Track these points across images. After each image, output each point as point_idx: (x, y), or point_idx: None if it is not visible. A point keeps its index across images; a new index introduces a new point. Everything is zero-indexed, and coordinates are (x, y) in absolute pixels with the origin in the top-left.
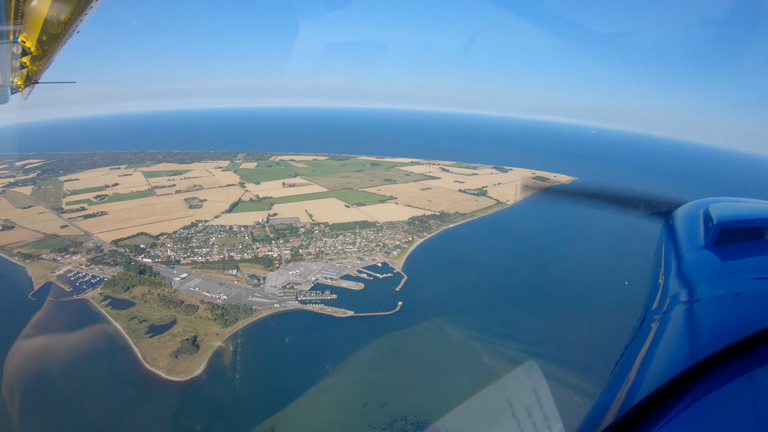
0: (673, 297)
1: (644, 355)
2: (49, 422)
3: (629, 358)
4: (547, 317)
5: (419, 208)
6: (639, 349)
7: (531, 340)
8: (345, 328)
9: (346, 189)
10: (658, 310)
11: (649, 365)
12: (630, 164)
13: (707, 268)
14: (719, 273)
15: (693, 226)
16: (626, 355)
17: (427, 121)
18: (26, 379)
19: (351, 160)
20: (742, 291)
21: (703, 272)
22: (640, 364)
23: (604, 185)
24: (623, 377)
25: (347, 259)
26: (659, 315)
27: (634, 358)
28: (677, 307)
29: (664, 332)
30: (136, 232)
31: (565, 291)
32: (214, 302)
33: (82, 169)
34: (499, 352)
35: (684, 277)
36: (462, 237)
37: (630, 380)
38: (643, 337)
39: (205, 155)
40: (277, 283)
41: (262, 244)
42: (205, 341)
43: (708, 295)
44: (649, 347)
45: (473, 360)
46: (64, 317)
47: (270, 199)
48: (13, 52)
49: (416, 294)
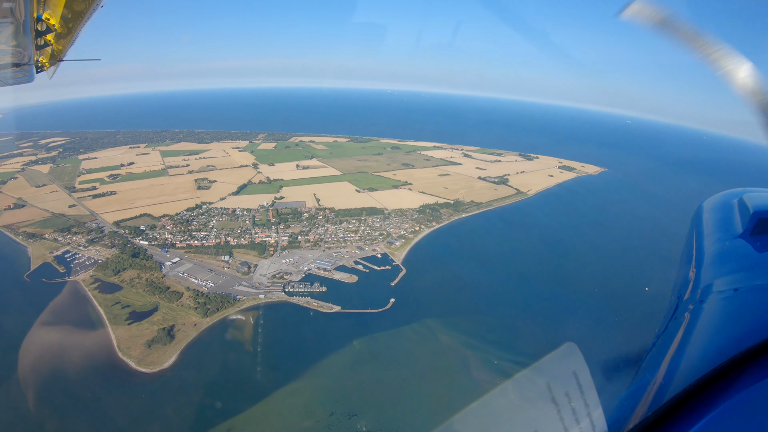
0: (707, 286)
1: (679, 345)
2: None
3: (662, 347)
4: (553, 326)
5: (433, 196)
6: (672, 338)
7: (530, 352)
8: (328, 325)
9: (361, 173)
10: (691, 299)
11: (686, 355)
12: (663, 156)
13: (744, 258)
14: (757, 263)
15: (727, 216)
16: (659, 345)
17: (459, 105)
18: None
19: (372, 142)
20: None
21: (739, 262)
22: (676, 354)
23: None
24: (657, 367)
25: (346, 248)
26: (693, 305)
27: (667, 347)
28: (713, 297)
29: (699, 322)
30: (139, 213)
31: (577, 296)
32: (199, 289)
33: (103, 147)
34: (491, 363)
35: (719, 267)
36: (473, 229)
37: (665, 370)
38: (677, 327)
39: (225, 135)
40: (268, 272)
41: (261, 229)
42: (182, 331)
43: (746, 285)
44: (684, 337)
45: (460, 372)
46: (51, 300)
47: (280, 182)
48: (38, 30)
49: (412, 290)
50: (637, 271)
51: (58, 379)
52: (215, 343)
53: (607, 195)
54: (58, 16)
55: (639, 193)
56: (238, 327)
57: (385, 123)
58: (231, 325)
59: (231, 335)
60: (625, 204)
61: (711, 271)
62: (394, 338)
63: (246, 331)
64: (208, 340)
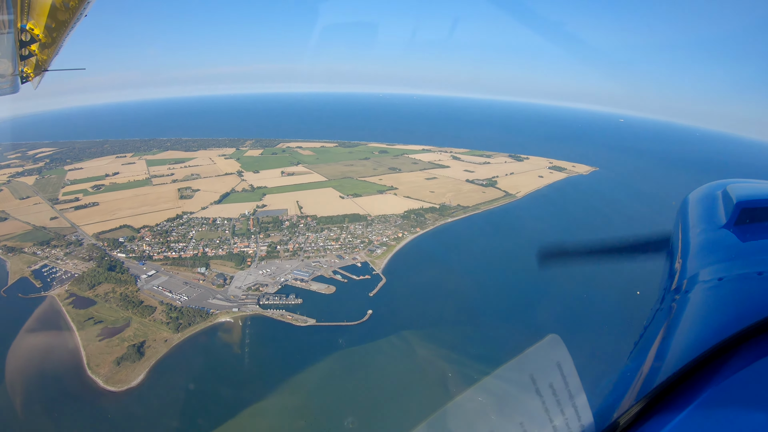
0: (692, 277)
1: (665, 334)
2: None
3: (650, 337)
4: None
5: (418, 200)
6: (659, 328)
7: None
8: (301, 340)
9: (347, 178)
10: (677, 290)
11: (672, 343)
12: (655, 153)
13: (728, 248)
14: (740, 252)
15: (711, 207)
16: (646, 335)
17: (450, 107)
18: None
19: (360, 147)
20: (765, 270)
21: (723, 252)
22: (662, 343)
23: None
24: (644, 356)
25: (326, 257)
26: (678, 295)
27: (654, 337)
28: (698, 287)
29: (685, 311)
30: (119, 225)
31: (565, 304)
32: (173, 303)
33: (90, 157)
34: (472, 378)
35: (703, 257)
36: (458, 234)
37: (651, 359)
38: (663, 317)
39: (213, 142)
40: (243, 284)
41: (241, 238)
42: (152, 348)
43: (730, 274)
44: (670, 326)
45: (437, 389)
46: (25, 316)
47: (263, 189)
48: (22, 40)
49: (391, 301)
50: (627, 274)
51: (24, 399)
52: (184, 360)
53: (597, 195)
54: (42, 26)
55: (630, 191)
56: (208, 343)
57: (374, 127)
58: (201, 341)
59: (200, 351)
60: (615, 204)
61: (696, 262)
62: (369, 353)
63: (216, 346)
64: (178, 357)
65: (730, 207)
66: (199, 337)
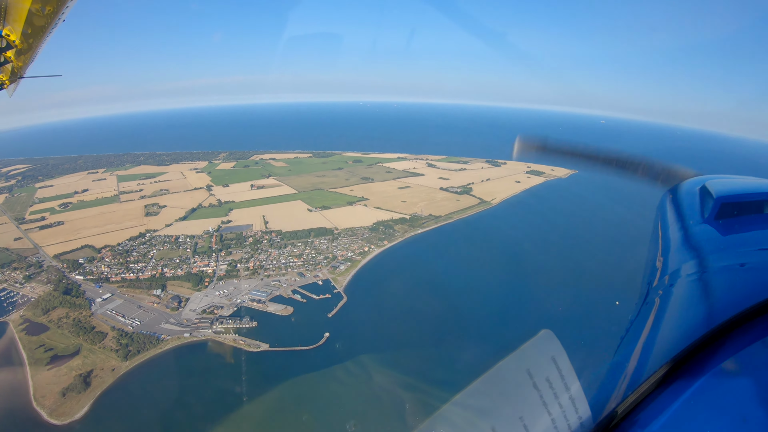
0: (675, 271)
1: (651, 328)
2: None
3: (635, 332)
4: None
5: (389, 211)
6: (644, 323)
7: None
8: (253, 367)
9: (317, 190)
10: (660, 285)
11: (657, 337)
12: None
13: (709, 242)
14: (722, 246)
15: (691, 203)
16: (632, 330)
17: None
18: None
19: (335, 156)
20: (747, 262)
21: (705, 246)
22: (648, 337)
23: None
24: (630, 351)
25: (287, 275)
26: (662, 290)
27: (640, 330)
28: (681, 280)
29: (670, 304)
30: (81, 245)
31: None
32: (124, 329)
33: (62, 173)
34: (432, 407)
35: (686, 252)
36: (427, 246)
37: (638, 353)
38: (648, 312)
39: (186, 156)
40: (198, 307)
41: (202, 257)
42: (99, 377)
43: (713, 267)
44: (655, 320)
45: (392, 421)
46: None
47: (231, 204)
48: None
49: (351, 322)
50: (606, 282)
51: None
52: (130, 391)
53: (576, 199)
54: (18, 32)
55: (610, 194)
56: (155, 372)
57: (350, 135)
58: (148, 370)
59: (146, 381)
60: (594, 208)
61: (678, 257)
62: (322, 380)
63: (163, 376)
64: (124, 388)
65: (710, 202)
66: (147, 366)
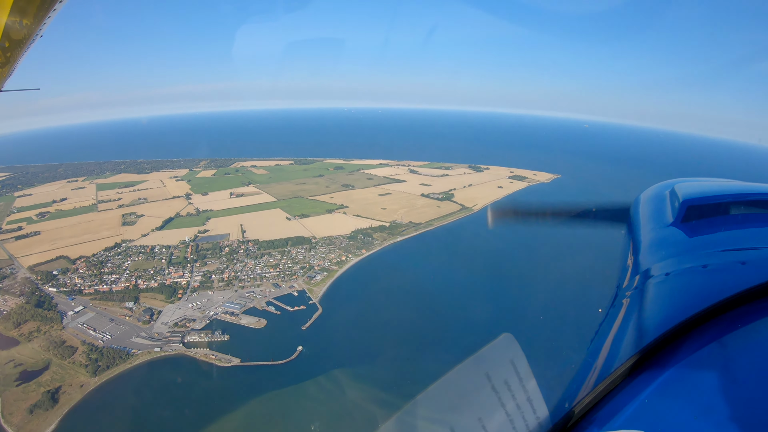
0: (643, 273)
1: (618, 328)
2: None
3: (603, 332)
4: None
5: (368, 219)
6: (612, 323)
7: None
8: (222, 383)
9: (297, 198)
10: (628, 286)
11: (623, 336)
12: (619, 158)
13: (675, 244)
14: (687, 248)
15: (660, 206)
16: (600, 331)
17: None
18: None
19: (317, 163)
20: (710, 263)
21: (671, 248)
22: (615, 337)
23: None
24: (598, 350)
25: (262, 286)
26: (630, 291)
27: (608, 332)
28: (648, 282)
29: (635, 306)
30: (56, 256)
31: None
32: (95, 343)
33: (42, 182)
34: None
35: (653, 254)
36: (406, 254)
37: (606, 352)
38: (616, 313)
39: (167, 164)
40: (170, 320)
41: (176, 268)
42: (67, 394)
43: (677, 269)
44: (623, 320)
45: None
46: None
47: (208, 213)
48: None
49: (325, 335)
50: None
51: None
52: (97, 409)
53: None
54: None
55: (590, 197)
56: (123, 388)
57: (332, 142)
58: (117, 386)
59: (114, 398)
60: None
61: (646, 259)
62: (294, 397)
63: (131, 392)
64: (91, 405)
65: (677, 205)
66: (116, 382)
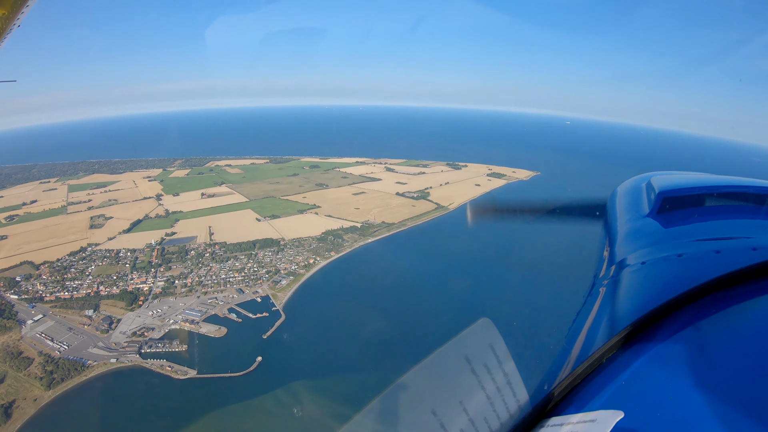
0: (619, 263)
1: (595, 316)
2: None
3: (580, 320)
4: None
5: (340, 219)
6: (590, 310)
7: None
8: (176, 397)
9: (269, 198)
10: (605, 276)
11: (601, 322)
12: (599, 154)
13: (651, 235)
14: (663, 238)
15: (636, 198)
16: (577, 319)
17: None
18: None
19: (292, 162)
20: (685, 252)
21: (647, 238)
22: (592, 323)
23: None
24: (575, 337)
25: (225, 291)
26: (606, 280)
27: (584, 319)
28: (623, 271)
29: (611, 294)
30: (21, 261)
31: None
32: (51, 354)
33: (14, 183)
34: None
35: (629, 244)
36: (376, 257)
37: (583, 337)
38: (593, 301)
39: (141, 163)
40: (129, 329)
41: (140, 273)
42: (20, 408)
43: (653, 258)
44: (600, 307)
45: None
46: None
47: (177, 215)
48: None
49: (286, 344)
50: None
51: None
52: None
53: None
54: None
55: (570, 194)
56: (76, 402)
57: (311, 140)
58: (70, 400)
59: (66, 414)
60: None
61: (622, 249)
62: (248, 412)
63: (83, 407)
64: (44, 420)
65: (653, 197)
66: (69, 395)
